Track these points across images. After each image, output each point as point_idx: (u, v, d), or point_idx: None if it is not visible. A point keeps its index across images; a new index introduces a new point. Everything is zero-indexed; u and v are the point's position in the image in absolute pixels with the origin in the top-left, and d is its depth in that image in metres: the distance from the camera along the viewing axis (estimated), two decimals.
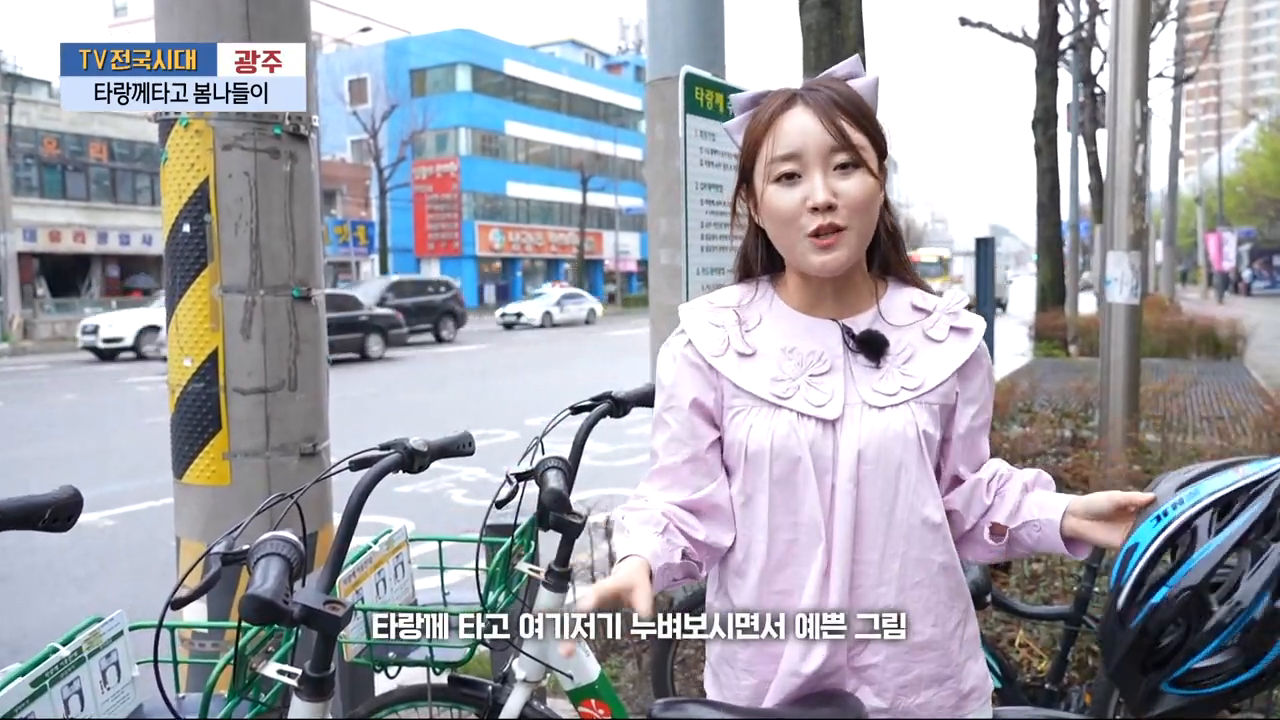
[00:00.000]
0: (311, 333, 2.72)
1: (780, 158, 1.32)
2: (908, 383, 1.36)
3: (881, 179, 1.35)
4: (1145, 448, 4.53)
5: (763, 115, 1.36)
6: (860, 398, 1.34)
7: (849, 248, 1.31)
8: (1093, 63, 19.54)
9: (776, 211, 1.33)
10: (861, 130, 1.32)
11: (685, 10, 4.11)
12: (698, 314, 1.45)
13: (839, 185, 1.29)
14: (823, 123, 1.30)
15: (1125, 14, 4.54)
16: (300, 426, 2.69)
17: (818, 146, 1.30)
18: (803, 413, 1.34)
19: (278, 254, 2.63)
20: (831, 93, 1.33)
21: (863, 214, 1.30)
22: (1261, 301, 37.60)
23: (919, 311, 1.42)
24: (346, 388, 14.70)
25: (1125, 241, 4.58)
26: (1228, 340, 13.27)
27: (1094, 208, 21.73)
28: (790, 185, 1.32)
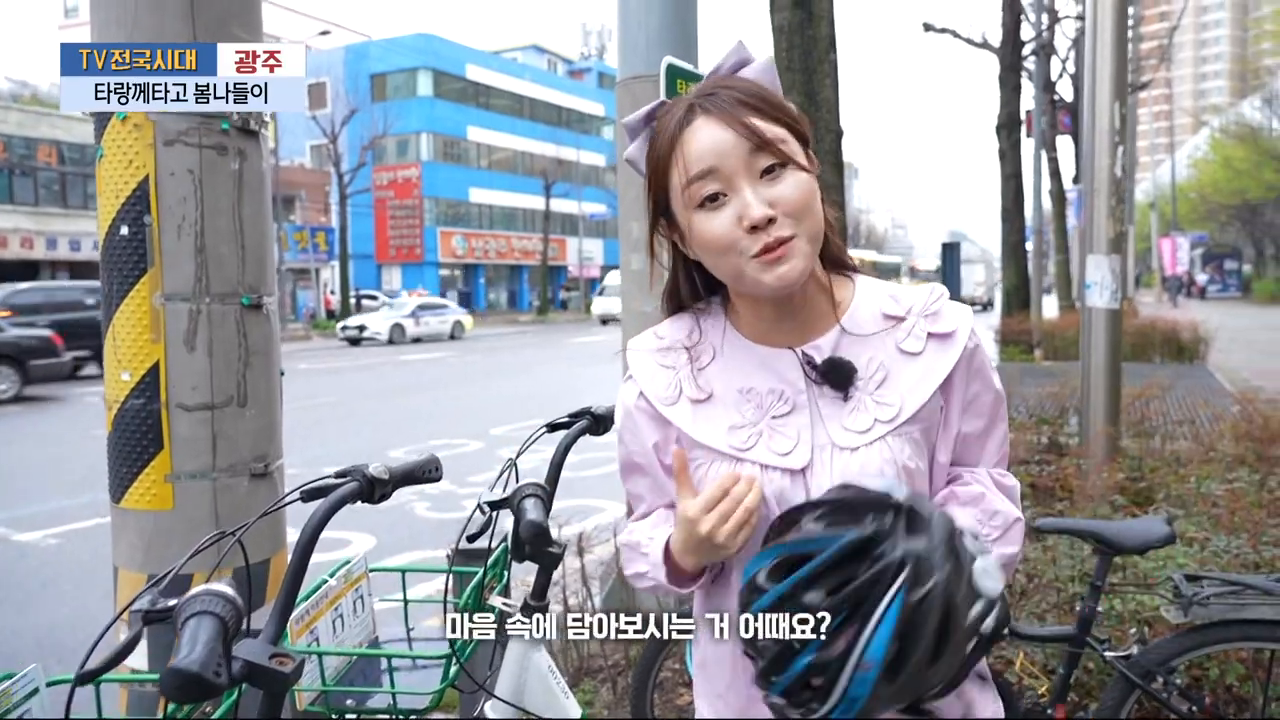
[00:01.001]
0: (263, 344, 2.52)
1: (697, 178, 1.15)
2: (882, 413, 1.19)
3: (814, 168, 1.20)
4: (1129, 454, 4.45)
5: (663, 136, 1.20)
6: (830, 438, 1.19)
7: (802, 255, 1.15)
8: (1052, 70, 19.73)
9: (710, 241, 1.16)
10: (777, 123, 1.16)
11: (658, 6, 3.97)
12: (646, 356, 1.30)
13: (772, 192, 1.14)
14: (733, 128, 1.14)
15: (1104, 13, 4.46)
16: (250, 445, 2.49)
17: (736, 156, 1.14)
18: (766, 464, 1.19)
19: (225, 259, 2.43)
20: (732, 92, 1.17)
21: (807, 215, 1.15)
22: (1215, 305, 38.28)
23: (890, 320, 1.24)
24: None
25: (1105, 245, 4.49)
26: (1190, 343, 13.38)
27: (1055, 213, 21.98)
28: (717, 207, 1.15)
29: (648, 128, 1.25)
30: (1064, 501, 3.76)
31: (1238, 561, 2.85)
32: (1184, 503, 3.63)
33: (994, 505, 1.23)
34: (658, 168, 1.20)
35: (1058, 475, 4.01)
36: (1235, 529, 3.14)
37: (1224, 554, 2.89)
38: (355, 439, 10.81)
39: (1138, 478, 4.17)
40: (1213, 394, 7.50)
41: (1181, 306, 33.25)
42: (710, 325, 1.29)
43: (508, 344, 28.61)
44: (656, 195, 1.23)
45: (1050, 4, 19.08)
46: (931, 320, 1.23)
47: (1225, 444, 4.63)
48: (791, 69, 5.16)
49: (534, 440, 1.86)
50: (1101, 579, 2.29)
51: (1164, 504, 3.69)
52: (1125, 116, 4.50)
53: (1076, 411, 5.30)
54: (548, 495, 1.40)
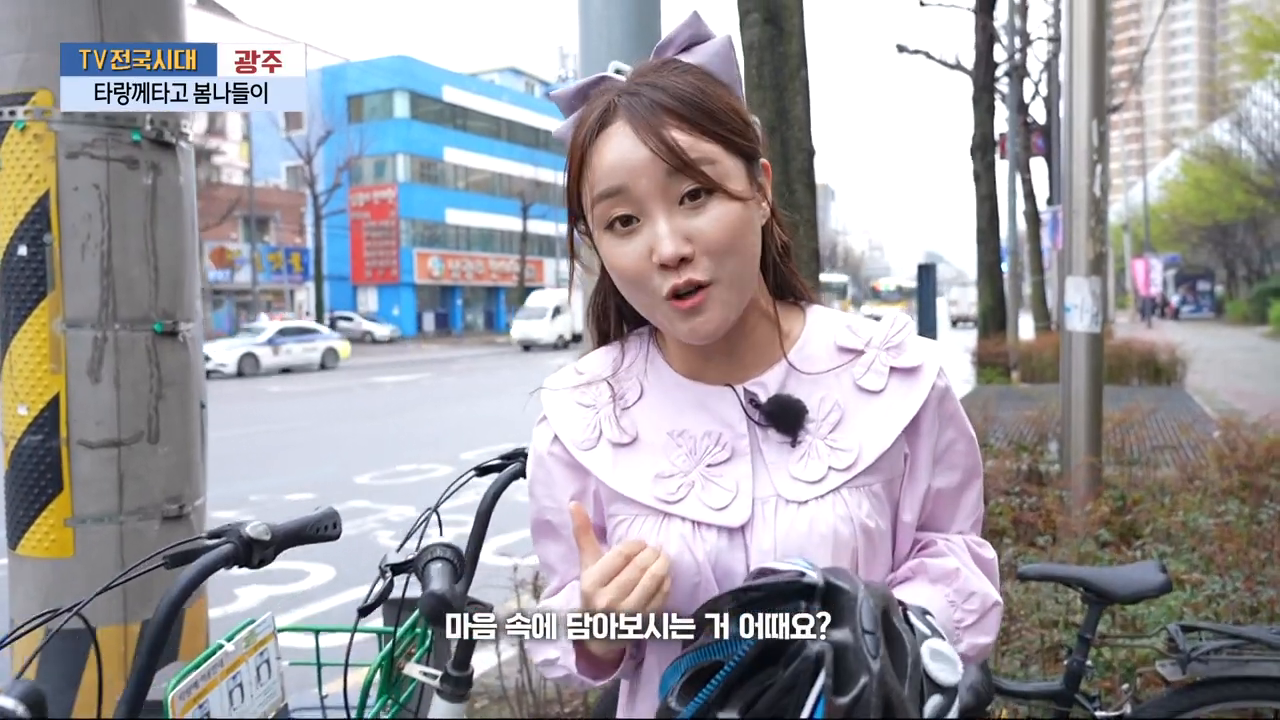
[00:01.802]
0: (179, 374, 2.31)
1: (604, 196, 0.97)
2: (837, 460, 1.01)
3: (754, 194, 1.00)
4: (1111, 483, 4.29)
5: (579, 132, 1.01)
6: (774, 490, 1.01)
7: (722, 305, 0.97)
8: (1025, 92, 19.82)
9: (619, 271, 0.99)
10: (709, 136, 0.96)
11: (619, 16, 3.82)
12: (562, 393, 1.11)
13: (691, 225, 0.95)
14: (648, 143, 0.94)
15: (1079, 29, 4.34)
16: (162, 485, 2.27)
17: (650, 177, 0.95)
18: (699, 520, 1.00)
19: (135, 281, 2.22)
20: (657, 93, 0.97)
21: (732, 255, 0.96)
22: (1189, 325, 38.57)
23: (846, 353, 1.07)
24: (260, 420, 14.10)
25: (1085, 266, 4.35)
26: (1168, 365, 13.32)
27: (1030, 234, 22.04)
28: (628, 234, 0.97)
29: (580, 107, 1.05)
30: (1046, 536, 3.60)
31: (1234, 606, 2.68)
32: (1172, 538, 3.47)
33: (970, 584, 1.04)
34: (572, 164, 1.02)
35: (1039, 508, 3.84)
36: (1228, 568, 2.97)
37: (1219, 599, 2.72)
38: (324, 465, 10.55)
39: (1122, 509, 4.01)
40: (1193, 418, 7.41)
41: (1156, 327, 33.47)
42: (638, 357, 1.11)
43: (484, 365, 28.36)
44: (572, 194, 1.04)
45: (1022, 26, 19.19)
46: (894, 354, 1.06)
47: (1210, 472, 4.48)
48: (762, 86, 5.03)
49: (460, 485, 1.67)
50: (1091, 631, 2.10)
51: (1151, 539, 3.53)
52: (1104, 134, 4.37)
53: (1057, 438, 5.15)
54: (459, 558, 1.20)
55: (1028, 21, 19.48)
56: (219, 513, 8.49)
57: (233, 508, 8.60)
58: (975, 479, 1.10)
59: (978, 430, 4.51)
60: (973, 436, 1.10)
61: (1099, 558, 3.32)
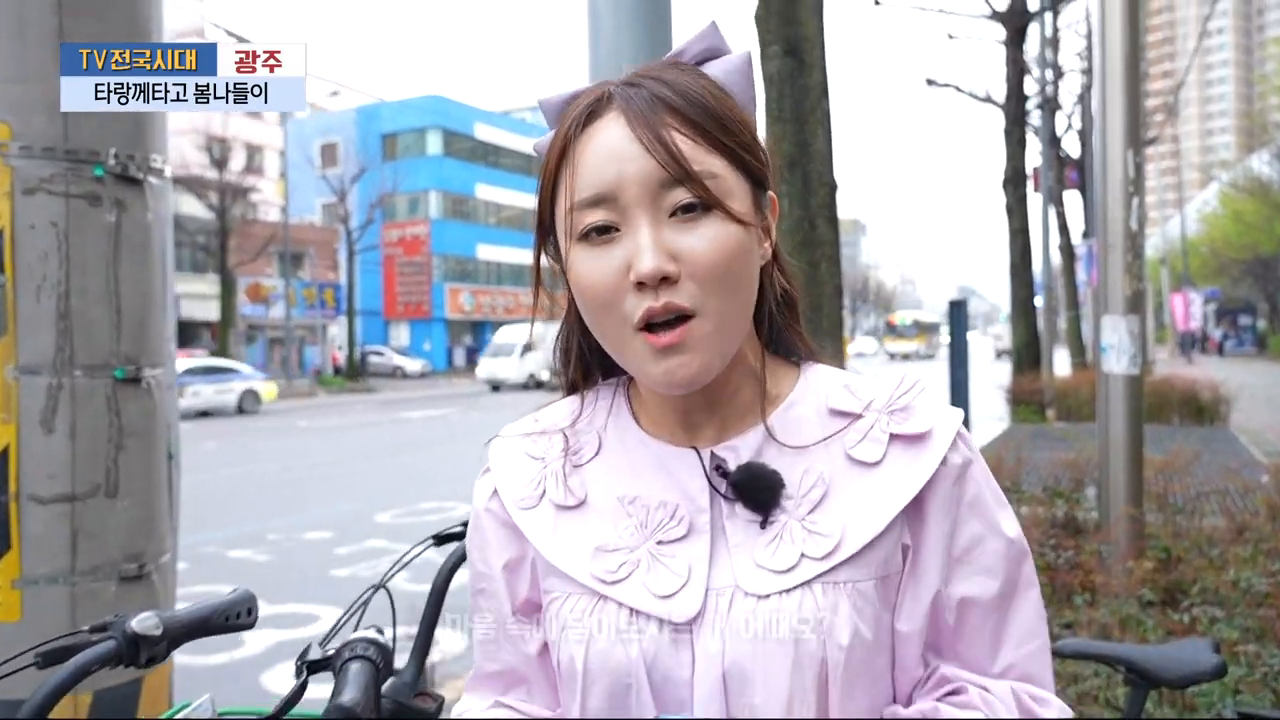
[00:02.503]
0: (142, 423, 2.16)
1: (583, 202, 0.82)
2: (813, 546, 0.82)
3: (759, 220, 0.86)
4: (1153, 534, 4.03)
5: (560, 130, 0.86)
6: (734, 579, 0.82)
7: (705, 347, 0.81)
8: (1057, 125, 19.58)
9: (587, 288, 0.83)
10: (714, 145, 0.82)
11: (631, 41, 3.69)
12: (513, 442, 0.97)
13: (680, 242, 0.80)
14: (644, 139, 0.80)
15: (1113, 56, 4.14)
16: (121, 543, 2.12)
17: (641, 182, 0.80)
18: (637, 609, 0.83)
19: (95, 325, 2.09)
20: (662, 87, 0.83)
21: (724, 287, 0.81)
22: (1231, 361, 37.72)
23: (840, 417, 0.88)
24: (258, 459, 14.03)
25: (1122, 304, 4.11)
26: (1210, 404, 12.89)
27: (1064, 268, 21.69)
28: (605, 243, 0.82)
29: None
30: (1084, 596, 3.35)
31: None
32: (1222, 599, 3.21)
33: None
34: (547, 169, 0.87)
35: (1076, 563, 3.59)
36: None
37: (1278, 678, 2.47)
38: (345, 502, 10.44)
39: (1166, 562, 3.75)
40: (1239, 461, 7.08)
41: (1197, 363, 32.75)
42: (602, 407, 0.95)
43: (512, 400, 28.29)
44: (541, 204, 0.89)
45: (1054, 59, 18.99)
46: (898, 418, 0.86)
47: (1261, 522, 4.21)
48: (783, 119, 4.89)
49: (414, 555, 1.49)
50: (1135, 717, 1.87)
51: (1199, 599, 3.27)
52: (1140, 166, 4.15)
53: (1094, 483, 4.89)
54: (385, 655, 1.02)
55: (1059, 54, 19.28)
56: (235, 552, 8.40)
57: (249, 546, 8.50)
58: (1024, 592, 0.86)
59: (1009, 473, 4.24)
60: (1013, 537, 0.86)
61: (1142, 622, 3.07)
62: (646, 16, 3.77)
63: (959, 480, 0.85)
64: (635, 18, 3.76)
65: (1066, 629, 3.19)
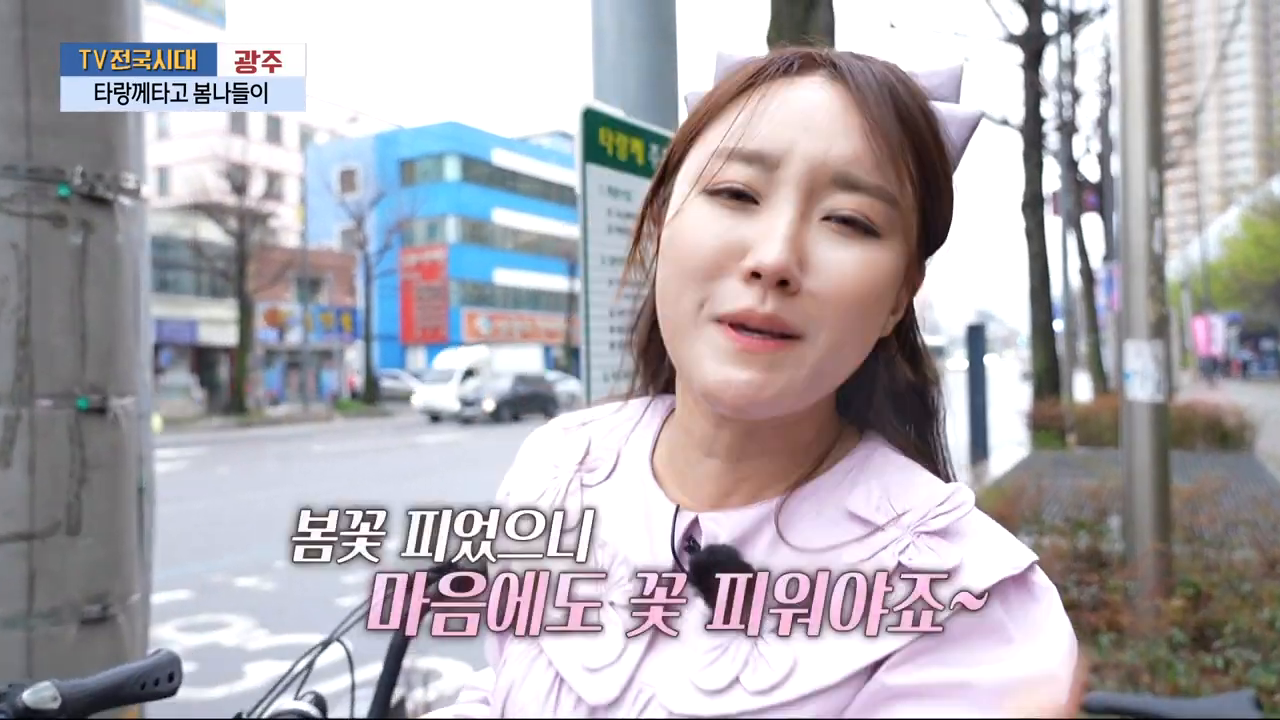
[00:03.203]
0: (108, 455, 2.05)
1: (742, 154, 0.66)
2: (752, 674, 0.66)
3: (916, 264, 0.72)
4: (1181, 568, 3.85)
5: (751, 68, 0.71)
6: (658, 681, 0.69)
7: (790, 377, 0.65)
8: (1076, 149, 19.42)
9: (685, 247, 0.67)
10: (917, 170, 0.68)
11: (635, 65, 3.59)
12: (545, 437, 0.87)
13: (820, 251, 0.65)
14: (855, 116, 0.66)
15: (1133, 73, 4.01)
16: (83, 583, 1.99)
17: (818, 157, 0.65)
18: (562, 676, 0.73)
19: (59, 352, 1.98)
20: (895, 80, 0.68)
21: (848, 321, 0.66)
22: (1253, 385, 37.21)
23: (857, 524, 0.70)
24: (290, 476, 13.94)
25: (1145, 329, 3.96)
26: (1235, 430, 12.60)
27: (1084, 292, 21.45)
28: (732, 209, 0.66)
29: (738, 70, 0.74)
30: (1109, 636, 3.18)
31: None
32: (1257, 640, 3.04)
33: None
34: (711, 100, 0.71)
35: (1100, 602, 3.42)
36: None
37: None
38: None
39: (1196, 598, 3.58)
40: (1268, 490, 6.86)
41: (1220, 388, 32.31)
42: (640, 419, 0.82)
43: (529, 424, 28.21)
44: (680, 139, 0.74)
45: (1071, 82, 18.86)
46: (922, 544, 0.66)
47: None
48: None
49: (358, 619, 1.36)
50: None
51: (1232, 641, 3.10)
52: (1163, 185, 4.01)
53: (1118, 513, 4.71)
54: None
55: (1076, 77, 19.16)
56: (242, 580, 8.30)
57: (256, 574, 8.40)
58: None
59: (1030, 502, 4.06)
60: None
61: (1172, 665, 2.90)
62: (651, 36, 3.67)
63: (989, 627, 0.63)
64: (640, 38, 3.66)
65: (1092, 673, 3.02)
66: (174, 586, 7.91)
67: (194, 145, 43.90)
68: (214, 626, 6.76)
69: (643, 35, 3.58)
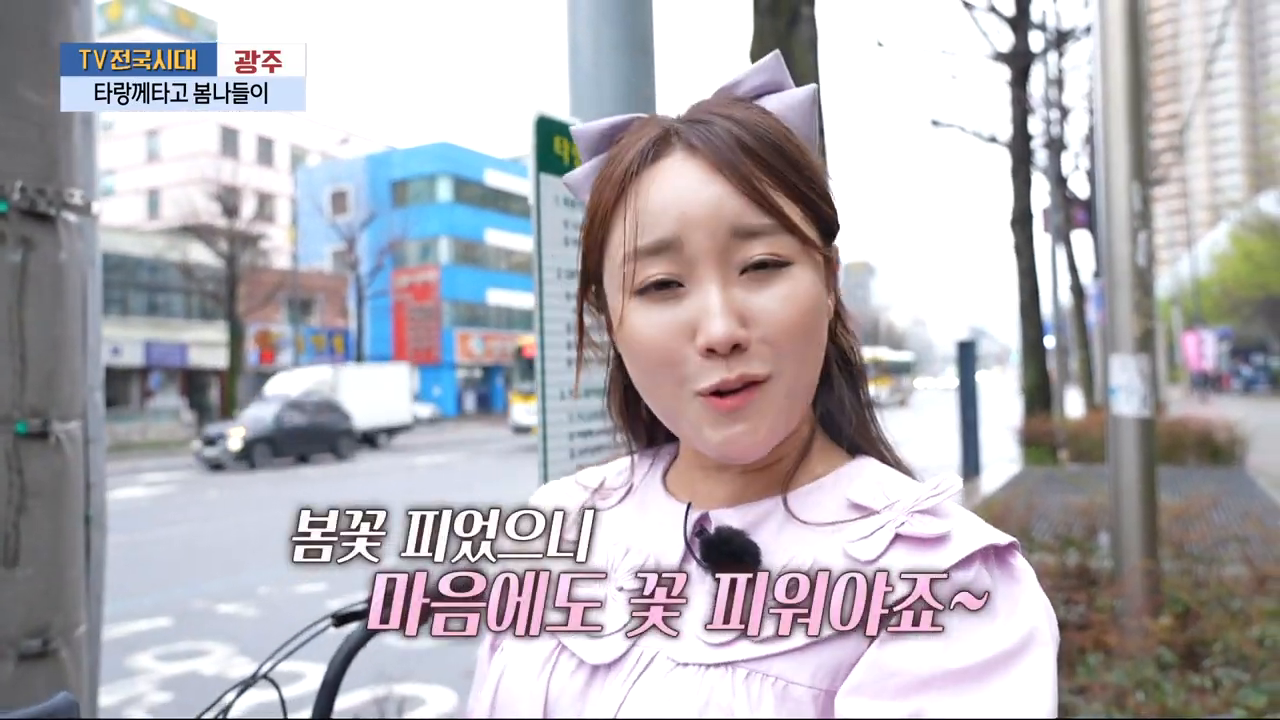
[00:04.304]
0: (49, 482, 1.97)
1: (647, 251, 0.74)
2: (763, 630, 0.71)
3: (831, 275, 0.80)
4: (1170, 586, 3.77)
5: (617, 166, 0.77)
6: (658, 642, 0.75)
7: (773, 414, 0.73)
8: (1064, 165, 19.49)
9: (642, 347, 0.74)
10: (793, 193, 0.74)
11: (611, 78, 3.55)
12: (557, 485, 0.95)
13: (753, 302, 0.72)
14: (725, 182, 0.72)
15: (1114, 84, 3.97)
16: (21, 616, 1.91)
17: (711, 231, 0.72)
18: (566, 644, 0.79)
19: None
20: (734, 127, 0.74)
21: (799, 347, 0.73)
22: (1243, 400, 37.26)
23: (857, 510, 0.76)
24: None
25: (1130, 343, 3.90)
26: (1226, 445, 12.57)
27: (1074, 308, 21.49)
28: (665, 302, 0.74)
29: (606, 149, 0.82)
30: (1097, 656, 3.10)
31: None
32: (1247, 660, 2.96)
33: None
34: (599, 212, 0.78)
35: (1088, 621, 3.35)
36: None
37: None
38: None
39: (1184, 616, 3.50)
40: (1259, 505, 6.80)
41: (1211, 403, 32.34)
42: (638, 472, 0.90)
43: (522, 445, 28.08)
44: (589, 249, 0.81)
45: (1058, 99, 18.95)
46: (915, 520, 0.72)
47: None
48: None
49: (309, 638, 1.29)
50: None
51: (1221, 660, 3.02)
52: (1147, 200, 3.97)
53: (1108, 529, 4.65)
54: None
55: (1064, 93, 19.25)
56: (224, 606, 8.17)
57: (239, 600, 8.28)
58: None
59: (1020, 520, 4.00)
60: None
61: (1160, 686, 2.82)
62: (628, 48, 3.63)
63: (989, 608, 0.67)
64: (616, 50, 3.61)
65: (1079, 694, 2.95)
66: (154, 614, 7.79)
67: (185, 168, 43.87)
68: (194, 654, 6.64)
69: (619, 47, 3.53)
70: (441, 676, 5.70)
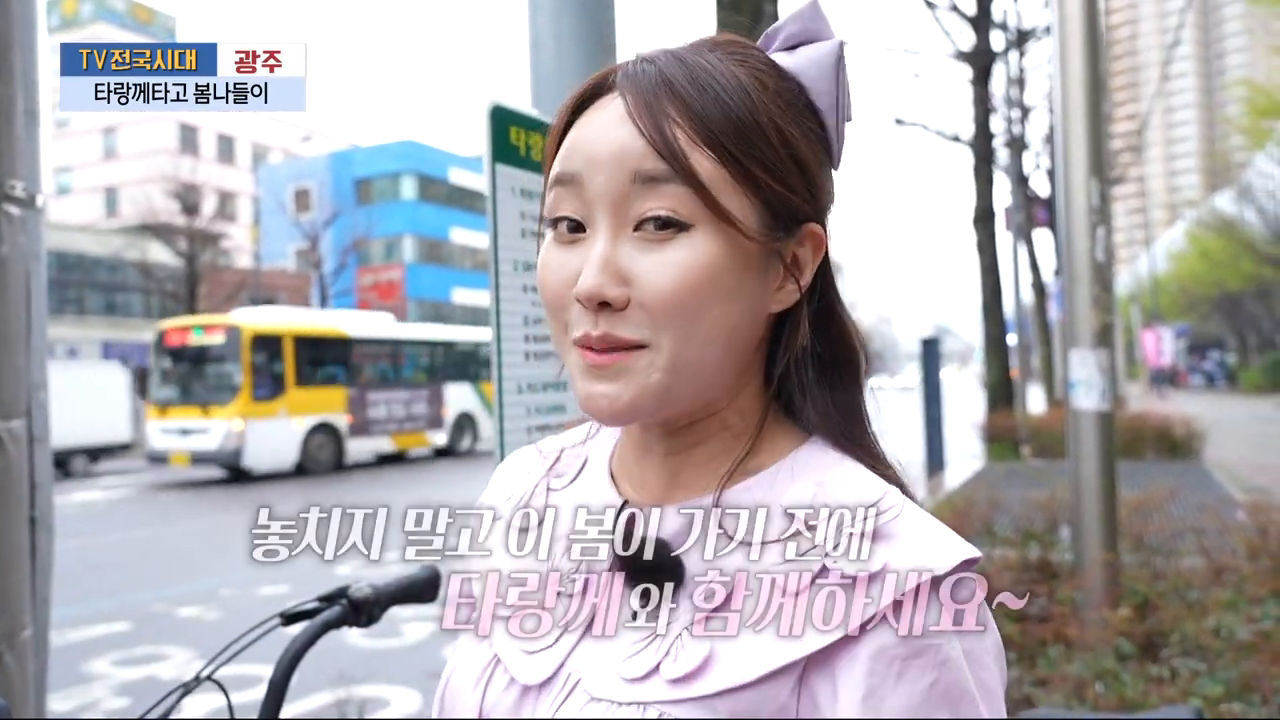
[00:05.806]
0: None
1: (554, 181, 0.72)
2: (671, 663, 0.66)
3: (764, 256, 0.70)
4: (1131, 584, 3.82)
5: (563, 111, 0.74)
6: (582, 669, 0.71)
7: (641, 383, 0.67)
8: (1024, 164, 19.72)
9: (542, 289, 0.72)
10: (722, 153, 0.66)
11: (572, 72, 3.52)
12: (521, 455, 0.91)
13: (637, 262, 0.67)
14: (636, 120, 0.67)
15: (1073, 81, 4.01)
16: None
17: (611, 172, 0.67)
18: (500, 656, 0.75)
19: None
20: (677, 67, 0.68)
21: (684, 323, 0.67)
22: (1201, 396, 37.95)
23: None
24: None
25: (1090, 338, 3.94)
26: (1184, 439, 12.80)
27: (1036, 305, 21.77)
28: (569, 244, 0.71)
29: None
30: (1057, 648, 3.13)
31: None
32: (1204, 649, 3.00)
33: None
34: (549, 150, 0.76)
35: (1049, 613, 3.38)
36: (1276, 691, 2.52)
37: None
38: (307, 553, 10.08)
39: (1143, 607, 3.55)
40: (1216, 498, 6.92)
41: (1169, 398, 32.90)
42: (605, 433, 0.85)
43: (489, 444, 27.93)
44: (543, 196, 0.77)
45: (1020, 98, 19.17)
46: (851, 545, 0.66)
47: (1240, 563, 4.02)
48: None
49: (257, 637, 1.26)
50: None
51: (1179, 650, 3.06)
52: (1105, 196, 4.01)
53: (1069, 523, 4.70)
54: None
55: (1025, 93, 19.48)
56: (185, 610, 8.04)
57: (200, 604, 8.16)
58: None
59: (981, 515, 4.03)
60: None
61: (1119, 675, 2.85)
62: (589, 44, 3.59)
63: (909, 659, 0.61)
64: (577, 45, 3.58)
65: (1040, 686, 2.97)
66: (112, 618, 7.64)
67: (143, 165, 43.13)
68: (152, 659, 6.52)
69: (580, 43, 3.50)
70: (404, 677, 5.64)
